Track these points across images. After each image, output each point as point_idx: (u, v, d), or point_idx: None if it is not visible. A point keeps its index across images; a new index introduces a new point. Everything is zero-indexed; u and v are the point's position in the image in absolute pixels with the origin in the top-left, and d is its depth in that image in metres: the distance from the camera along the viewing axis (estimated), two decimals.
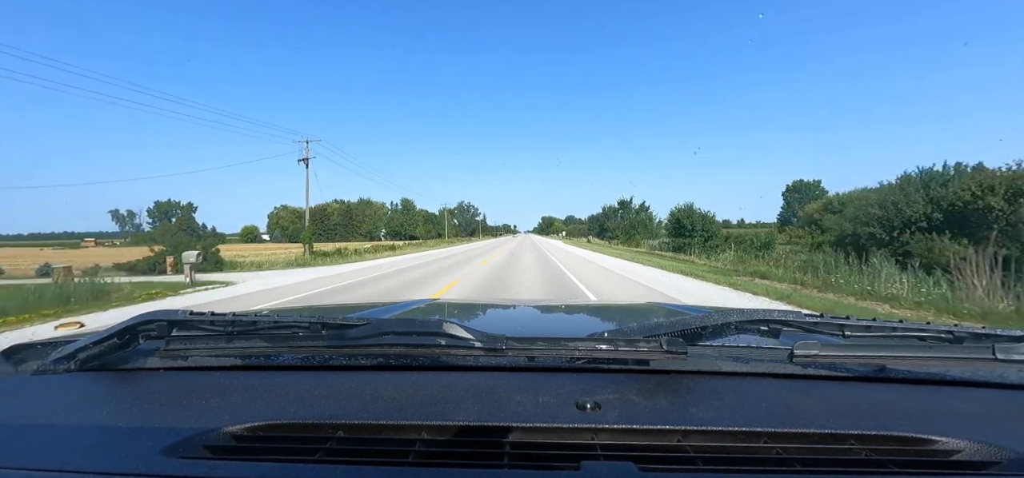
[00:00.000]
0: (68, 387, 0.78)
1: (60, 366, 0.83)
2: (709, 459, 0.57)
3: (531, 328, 1.35)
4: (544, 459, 0.57)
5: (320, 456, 0.56)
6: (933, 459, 0.58)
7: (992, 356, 0.73)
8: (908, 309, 7.43)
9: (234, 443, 0.60)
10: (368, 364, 0.84)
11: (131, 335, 0.84)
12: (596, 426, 0.61)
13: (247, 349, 0.85)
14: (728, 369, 0.82)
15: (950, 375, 0.81)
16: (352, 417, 0.63)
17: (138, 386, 0.77)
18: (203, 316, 0.85)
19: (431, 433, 0.61)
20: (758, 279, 12.45)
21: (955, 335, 0.78)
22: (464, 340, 0.78)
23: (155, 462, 0.52)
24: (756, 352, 0.85)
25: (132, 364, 0.85)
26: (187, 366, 0.84)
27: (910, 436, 0.61)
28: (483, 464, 0.55)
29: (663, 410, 0.66)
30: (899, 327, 0.80)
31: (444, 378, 0.79)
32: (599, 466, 0.52)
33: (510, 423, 0.62)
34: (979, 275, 7.15)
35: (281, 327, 0.85)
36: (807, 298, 8.81)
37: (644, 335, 0.77)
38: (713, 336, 0.82)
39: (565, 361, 0.81)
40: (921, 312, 7.14)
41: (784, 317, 0.80)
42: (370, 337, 0.81)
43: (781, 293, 9.53)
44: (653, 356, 0.77)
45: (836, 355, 0.78)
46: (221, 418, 0.63)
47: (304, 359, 0.86)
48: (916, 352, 0.78)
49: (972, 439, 0.59)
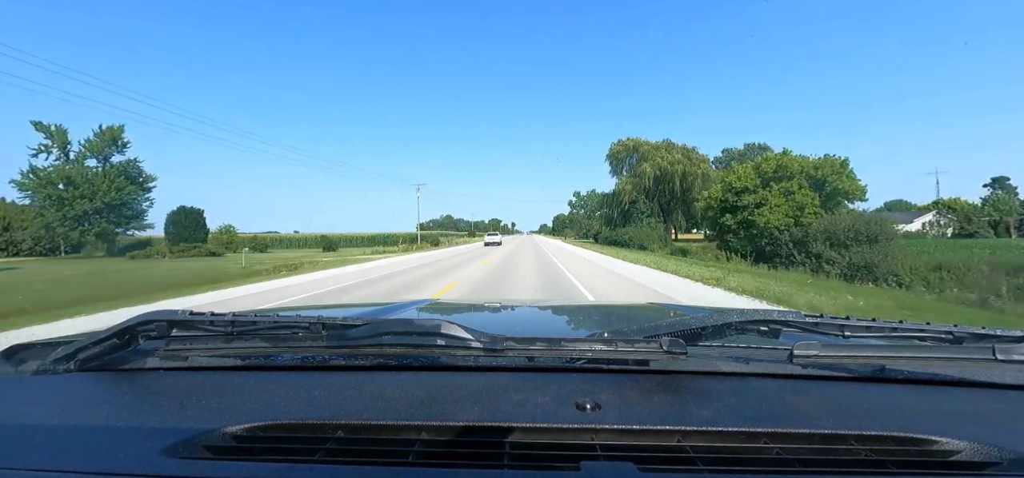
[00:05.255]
0: (68, 387, 0.78)
1: (60, 366, 0.83)
2: (709, 459, 0.57)
3: (531, 328, 1.35)
4: (544, 459, 0.57)
5: (320, 456, 0.56)
6: (933, 459, 0.58)
7: (992, 357, 0.73)
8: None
9: (234, 443, 0.60)
10: (368, 364, 0.84)
11: (131, 335, 0.84)
12: (596, 426, 0.61)
13: (247, 349, 0.85)
14: (728, 369, 0.82)
15: (950, 375, 0.81)
16: (352, 417, 0.63)
17: (138, 386, 0.77)
18: (203, 316, 0.85)
19: (431, 433, 0.61)
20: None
21: (955, 335, 0.78)
22: (464, 340, 0.78)
23: (155, 462, 0.52)
24: (756, 352, 0.85)
25: (132, 364, 0.85)
26: (187, 366, 0.84)
27: (910, 436, 0.61)
28: (483, 464, 0.55)
29: (663, 410, 0.66)
30: (899, 327, 0.80)
31: (444, 378, 0.79)
32: (599, 466, 0.52)
33: (510, 423, 0.62)
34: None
35: (281, 327, 0.85)
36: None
37: (644, 335, 0.77)
38: (713, 336, 0.82)
39: (565, 361, 0.81)
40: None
41: (784, 317, 0.80)
42: (370, 337, 0.81)
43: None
44: (653, 356, 0.77)
45: (836, 355, 0.78)
46: (221, 418, 0.63)
47: (304, 359, 0.86)
48: (916, 352, 0.78)
49: (972, 439, 0.59)
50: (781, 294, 9.15)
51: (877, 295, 10.25)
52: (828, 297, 8.81)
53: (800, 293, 9.36)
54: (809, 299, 8.36)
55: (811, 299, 8.35)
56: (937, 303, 9.62)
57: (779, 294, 9.14)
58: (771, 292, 9.39)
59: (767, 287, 10.26)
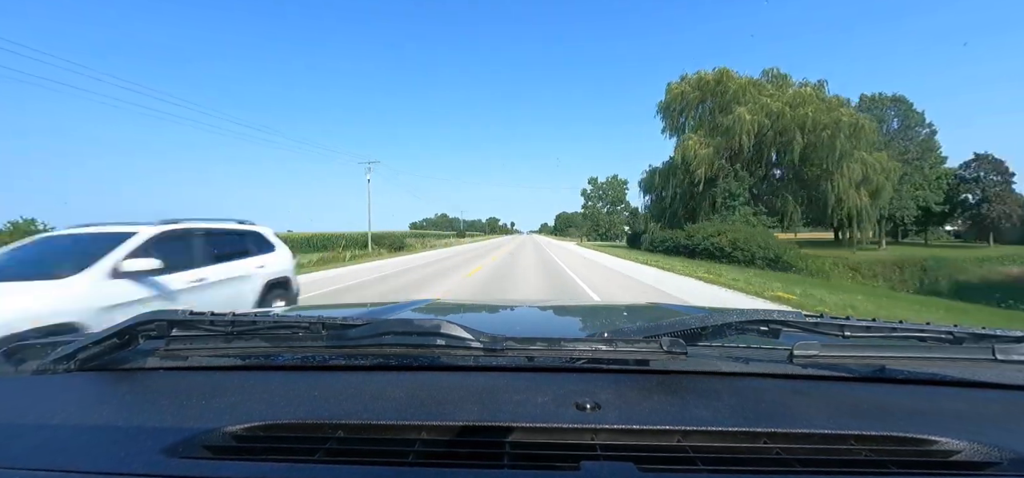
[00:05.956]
0: (68, 387, 0.78)
1: (60, 366, 0.83)
2: (709, 459, 0.57)
3: (531, 328, 1.35)
4: (544, 459, 0.57)
5: (320, 456, 0.56)
6: (933, 459, 0.58)
7: (992, 357, 0.73)
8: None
9: (234, 443, 0.60)
10: (368, 364, 0.84)
11: (131, 335, 0.85)
12: (596, 426, 0.61)
13: (247, 349, 0.85)
14: (728, 369, 0.82)
15: (950, 375, 0.81)
16: (352, 417, 0.63)
17: (138, 386, 0.77)
18: (203, 316, 0.85)
19: (431, 433, 0.61)
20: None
21: (955, 335, 0.78)
22: (464, 340, 0.78)
23: (155, 462, 0.52)
24: (756, 352, 0.85)
25: (132, 364, 0.85)
26: (187, 366, 0.84)
27: (910, 436, 0.61)
28: (483, 464, 0.55)
29: (663, 410, 0.66)
30: (899, 327, 0.80)
31: (444, 378, 0.79)
32: (599, 466, 0.52)
33: (510, 423, 0.62)
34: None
35: (281, 327, 0.85)
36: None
37: (644, 335, 0.77)
38: (713, 336, 0.82)
39: (565, 361, 0.81)
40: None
41: (784, 317, 0.80)
42: (370, 337, 0.81)
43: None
44: (653, 356, 0.77)
45: (836, 355, 0.78)
46: (221, 418, 0.63)
47: (304, 359, 0.86)
48: (916, 352, 0.78)
49: (972, 439, 0.59)
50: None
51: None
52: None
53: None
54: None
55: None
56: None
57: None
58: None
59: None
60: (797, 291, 10.90)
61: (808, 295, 10.17)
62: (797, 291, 10.90)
